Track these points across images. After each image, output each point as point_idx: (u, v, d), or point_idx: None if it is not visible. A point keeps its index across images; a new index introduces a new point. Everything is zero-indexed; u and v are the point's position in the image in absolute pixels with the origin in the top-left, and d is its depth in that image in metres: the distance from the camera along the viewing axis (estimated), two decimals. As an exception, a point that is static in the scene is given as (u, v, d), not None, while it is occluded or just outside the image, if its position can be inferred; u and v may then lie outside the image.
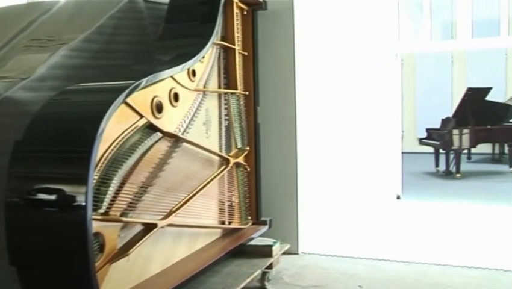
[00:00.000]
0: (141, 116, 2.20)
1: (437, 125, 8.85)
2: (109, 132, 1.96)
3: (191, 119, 2.68)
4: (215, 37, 2.94)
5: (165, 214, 2.42)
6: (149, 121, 2.25)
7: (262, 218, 3.48)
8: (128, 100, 2.09)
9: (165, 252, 2.52)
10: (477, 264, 3.55)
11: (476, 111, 8.25)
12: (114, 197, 2.05)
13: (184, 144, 2.58)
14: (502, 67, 11.57)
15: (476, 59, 11.47)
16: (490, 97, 8.73)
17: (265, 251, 3.21)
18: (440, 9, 11.95)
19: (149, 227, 2.28)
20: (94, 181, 1.89)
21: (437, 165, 8.85)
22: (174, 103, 2.50)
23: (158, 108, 2.34)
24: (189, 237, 2.76)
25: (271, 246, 3.23)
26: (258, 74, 3.43)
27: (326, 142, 4.41)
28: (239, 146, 3.28)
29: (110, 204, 2.02)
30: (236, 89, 3.22)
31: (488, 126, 8.46)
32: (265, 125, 3.61)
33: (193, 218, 2.71)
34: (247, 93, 3.36)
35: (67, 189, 1.79)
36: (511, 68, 11.54)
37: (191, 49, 2.71)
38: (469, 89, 8.55)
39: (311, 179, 4.08)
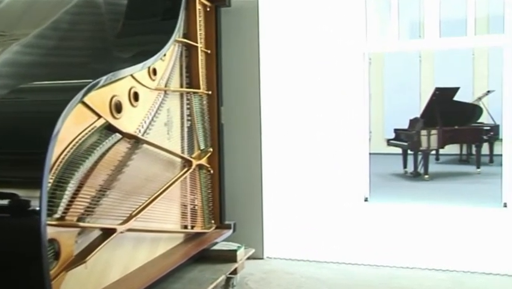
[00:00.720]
0: (99, 116, 2.18)
1: (405, 125, 8.99)
2: (65, 133, 1.93)
3: (152, 119, 2.66)
4: (177, 34, 2.93)
5: (125, 218, 2.40)
6: (107, 121, 2.23)
7: (226, 222, 3.49)
8: (85, 99, 2.06)
9: (125, 258, 2.50)
10: (445, 267, 3.63)
11: (444, 112, 8.41)
12: (71, 201, 2.02)
13: (145, 145, 2.57)
14: (469, 66, 11.83)
15: (443, 59, 11.71)
16: (457, 97, 8.92)
17: (229, 256, 3.21)
18: (408, 8, 12.14)
19: (107, 233, 2.26)
20: (49, 185, 1.86)
21: (405, 166, 8.99)
22: (134, 103, 2.49)
23: (117, 108, 2.32)
24: (150, 242, 2.74)
25: (235, 251, 3.23)
26: (221, 73, 3.44)
27: (292, 143, 4.44)
28: (202, 147, 3.27)
29: (66, 209, 1.99)
30: (199, 88, 3.21)
31: (456, 127, 8.64)
32: (229, 126, 3.61)
33: (154, 223, 2.70)
34: (210, 92, 3.36)
35: (20, 193, 1.76)
36: (478, 68, 11.81)
37: (152, 47, 2.70)
38: (437, 89, 8.73)
39: (276, 182, 4.09)
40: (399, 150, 9.14)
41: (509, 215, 5.16)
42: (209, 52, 3.35)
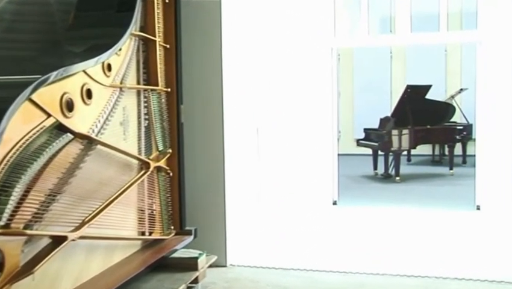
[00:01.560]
0: (49, 115, 2.15)
1: (376, 125, 9.10)
2: (11, 133, 1.90)
3: (107, 119, 2.64)
4: (134, 27, 2.91)
5: (77, 224, 2.37)
6: (57, 120, 2.20)
7: (187, 228, 3.47)
8: (33, 96, 2.03)
9: (77, 268, 2.47)
10: (417, 273, 3.68)
11: (416, 110, 8.54)
12: (17, 207, 1.98)
13: (98, 146, 2.54)
14: (442, 63, 12.03)
15: (415, 55, 11.88)
16: (429, 96, 9.07)
17: (190, 264, 3.19)
18: (378, 2, 12.30)
19: (58, 241, 2.22)
20: (-7, 189, 1.83)
21: (375, 167, 9.09)
22: (87, 101, 2.46)
23: (68, 106, 2.29)
24: (104, 250, 2.71)
25: (196, 258, 3.22)
26: (181, 70, 3.42)
27: (255, 144, 4.44)
28: (160, 148, 3.26)
29: (12, 215, 1.95)
30: (157, 85, 3.19)
31: (428, 126, 8.78)
32: (190, 125, 3.60)
33: (109, 229, 2.67)
34: (169, 89, 3.34)
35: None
36: (451, 65, 12.02)
37: (107, 40, 2.67)
38: (408, 87, 8.84)
39: (240, 184, 4.10)
40: (369, 151, 9.24)
41: (483, 218, 5.28)
42: (168, 46, 3.33)
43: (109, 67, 2.67)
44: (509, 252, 4.17)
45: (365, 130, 9.29)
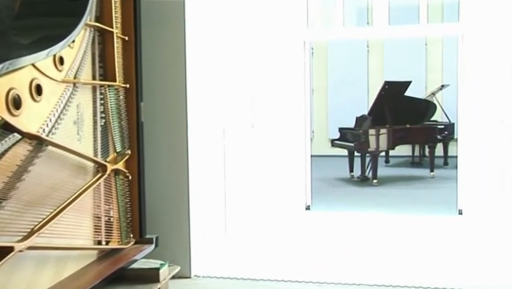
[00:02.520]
0: (-7, 113, 2.11)
1: (351, 124, 9.16)
2: (-49, 133, 1.86)
3: (59, 117, 2.60)
4: (88, 17, 2.88)
5: (25, 234, 2.33)
6: (3, 119, 2.16)
7: (147, 236, 3.44)
8: (-24, 93, 2.00)
9: (24, 282, 2.43)
10: (396, 282, 3.71)
11: (394, 108, 8.63)
12: (-42, 214, 1.95)
13: (49, 147, 2.51)
14: (422, 58, 12.18)
15: (393, 49, 12.01)
16: (409, 93, 9.17)
17: (150, 276, 3.17)
18: (354, -9, 12.40)
19: (3, 252, 2.19)
20: None
21: (351, 170, 9.16)
22: (37, 98, 2.42)
23: (15, 103, 2.25)
24: (56, 262, 2.68)
25: (158, 269, 3.21)
26: (141, 64, 3.39)
27: (223, 145, 4.44)
28: (118, 149, 3.23)
29: (-48, 223, 1.92)
30: (114, 81, 3.16)
31: (408, 125, 8.88)
32: (151, 124, 3.58)
33: (61, 239, 2.64)
34: (128, 85, 3.31)
35: None
36: (431, 60, 12.18)
37: (58, 31, 2.63)
38: (386, 83, 8.93)
39: (206, 189, 4.08)
40: (345, 152, 9.30)
41: (465, 223, 5.35)
42: (126, 38, 3.30)
43: (61, 61, 2.63)
44: (493, 259, 4.23)
45: (340, 129, 9.35)
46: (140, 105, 3.40)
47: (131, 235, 3.37)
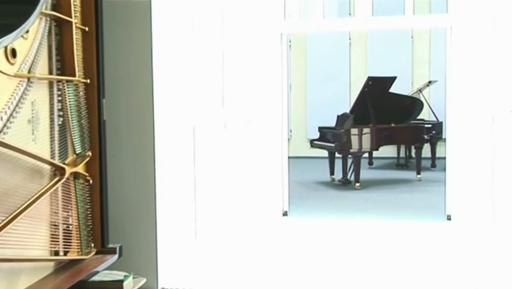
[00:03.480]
0: None
1: (332, 123, 9.20)
2: None
3: (11, 115, 2.57)
4: (44, 5, 2.85)
5: (-27, 244, 2.30)
6: (-51, 117, 2.13)
7: (110, 245, 3.42)
8: None
9: (-27, 296, 2.40)
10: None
11: (378, 106, 8.68)
12: None
13: (1, 148, 2.48)
14: (408, 52, 12.28)
15: (377, 43, 12.09)
16: (394, 89, 9.24)
17: (114, 288, 3.16)
18: (335, -20, 12.45)
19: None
20: None
21: (332, 172, 9.20)
22: (-14, 94, 2.40)
23: (-37, 100, 2.22)
24: (7, 275, 2.64)
25: (121, 281, 3.20)
26: (103, 57, 3.37)
27: (194, 145, 4.42)
28: (78, 150, 3.20)
29: None
30: (74, 76, 3.14)
31: (392, 124, 8.94)
32: (114, 123, 3.55)
33: (14, 249, 2.60)
34: (88, 81, 3.28)
35: None
36: (418, 54, 12.28)
37: (10, 20, 2.61)
38: (370, 79, 8.99)
39: (174, 193, 4.07)
40: (325, 153, 9.34)
41: (454, 229, 5.38)
42: (86, 29, 3.28)
43: (13, 53, 2.60)
44: (483, 269, 4.27)
45: (320, 129, 9.39)
46: (102, 102, 3.37)
47: (92, 245, 3.34)
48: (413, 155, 10.11)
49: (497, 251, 4.69)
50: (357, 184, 8.46)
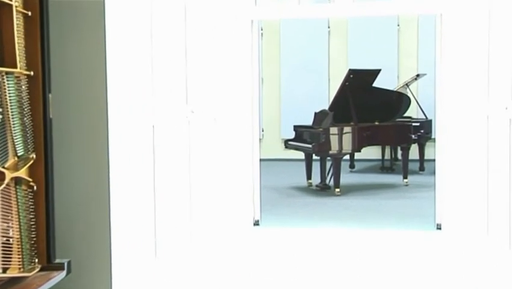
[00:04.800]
0: None
1: (309, 121, 9.22)
2: None
3: None
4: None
5: None
6: None
7: (57, 261, 3.39)
8: None
9: None
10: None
11: (361, 102, 8.73)
12: None
13: None
14: (394, 41, 12.35)
15: (360, 31, 12.14)
16: (378, 83, 9.28)
17: (61, 310, 3.14)
18: (312, -40, 12.49)
19: None
20: None
21: (309, 177, 9.22)
22: None
23: None
24: None
25: (70, 302, 3.17)
26: (49, 46, 3.34)
27: (154, 145, 4.40)
28: (20, 152, 3.17)
29: None
30: (14, 67, 3.11)
31: (376, 123, 8.98)
32: (61, 121, 3.53)
33: None
34: (32, 73, 3.25)
35: None
36: (404, 43, 12.36)
37: None
38: (351, 72, 9.02)
39: (131, 200, 4.04)
40: (301, 155, 9.35)
41: (445, 240, 5.42)
42: (29, 14, 3.24)
43: None
44: (478, 284, 4.30)
45: (296, 128, 9.40)
46: (48, 97, 3.34)
47: (36, 260, 3.31)
48: (399, 156, 10.17)
49: (493, 264, 4.73)
50: (337, 190, 8.49)
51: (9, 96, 3.07)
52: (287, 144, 9.50)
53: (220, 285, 4.35)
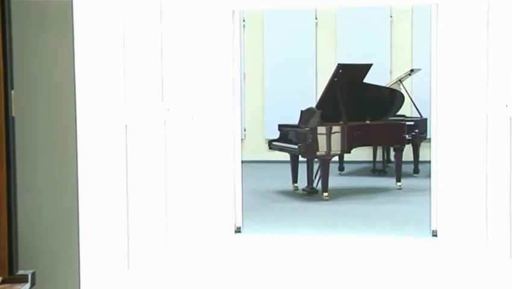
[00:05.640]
0: None
1: (295, 120, 9.21)
2: None
3: None
4: None
5: None
6: None
7: (20, 272, 3.37)
8: None
9: None
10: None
11: (351, 100, 8.72)
12: None
13: None
14: (386, 34, 12.37)
15: (349, 22, 12.14)
16: (369, 79, 9.28)
17: (25, 326, 3.12)
18: None
19: None
20: None
21: (294, 180, 9.20)
22: None
23: None
24: None
25: (35, 317, 3.15)
26: (10, 38, 3.32)
27: (124, 146, 4.38)
28: (-21, 154, 3.15)
29: None
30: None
31: (368, 122, 8.98)
32: (25, 121, 3.51)
33: None
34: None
35: None
36: (398, 36, 12.37)
37: None
38: (340, 67, 9.01)
39: (102, 207, 4.02)
40: (286, 157, 9.34)
41: (441, 247, 5.43)
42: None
43: None
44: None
45: (281, 127, 9.38)
46: (10, 94, 3.32)
47: (-3, 271, 3.29)
48: (392, 158, 10.18)
49: (493, 274, 4.74)
50: (325, 194, 8.48)
51: (-32, 93, 3.06)
52: (271, 144, 9.47)
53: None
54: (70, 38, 3.72)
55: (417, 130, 9.80)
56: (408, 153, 9.86)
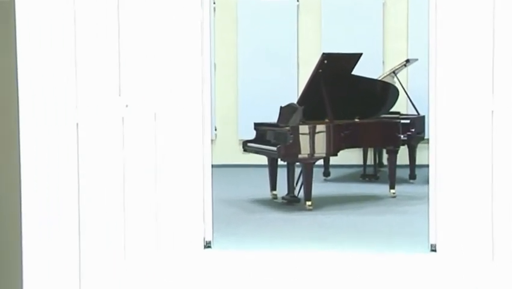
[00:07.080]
0: None
1: (273, 118, 9.19)
2: None
3: None
4: None
5: None
6: None
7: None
8: None
9: None
10: None
11: (337, 94, 8.71)
12: None
13: None
14: (378, 20, 12.39)
15: (335, 7, 12.16)
16: (358, 71, 9.28)
17: None
18: None
19: None
20: None
21: (273, 187, 9.19)
22: None
23: None
24: None
25: None
26: None
27: (76, 146, 4.37)
28: None
29: None
30: None
31: (357, 120, 8.99)
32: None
33: None
34: None
35: None
36: (391, 22, 12.39)
37: None
38: (325, 57, 9.00)
39: (49, 214, 4.01)
40: (264, 160, 9.33)
41: (440, 264, 5.44)
42: None
43: None
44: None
45: (257, 126, 9.37)
46: None
47: None
48: (385, 162, 10.20)
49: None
50: (308, 203, 8.47)
51: None
52: (245, 146, 9.45)
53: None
54: (12, 28, 3.71)
55: (413, 130, 9.83)
56: (403, 156, 9.88)
